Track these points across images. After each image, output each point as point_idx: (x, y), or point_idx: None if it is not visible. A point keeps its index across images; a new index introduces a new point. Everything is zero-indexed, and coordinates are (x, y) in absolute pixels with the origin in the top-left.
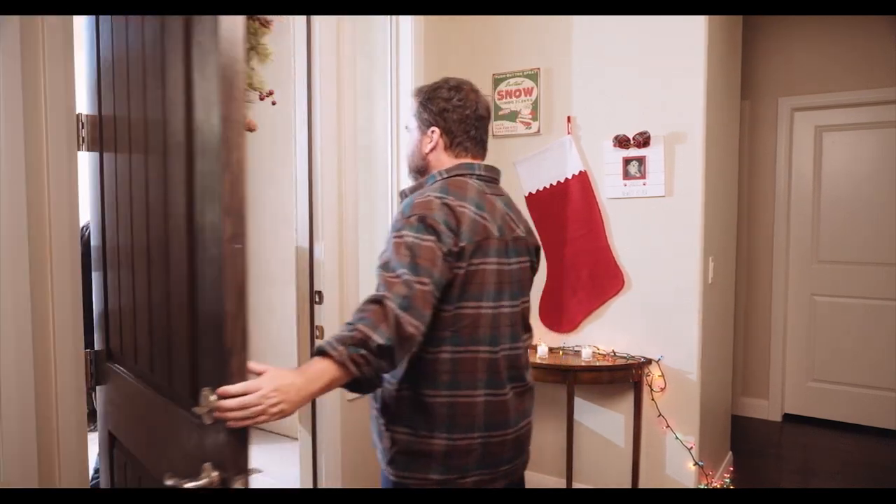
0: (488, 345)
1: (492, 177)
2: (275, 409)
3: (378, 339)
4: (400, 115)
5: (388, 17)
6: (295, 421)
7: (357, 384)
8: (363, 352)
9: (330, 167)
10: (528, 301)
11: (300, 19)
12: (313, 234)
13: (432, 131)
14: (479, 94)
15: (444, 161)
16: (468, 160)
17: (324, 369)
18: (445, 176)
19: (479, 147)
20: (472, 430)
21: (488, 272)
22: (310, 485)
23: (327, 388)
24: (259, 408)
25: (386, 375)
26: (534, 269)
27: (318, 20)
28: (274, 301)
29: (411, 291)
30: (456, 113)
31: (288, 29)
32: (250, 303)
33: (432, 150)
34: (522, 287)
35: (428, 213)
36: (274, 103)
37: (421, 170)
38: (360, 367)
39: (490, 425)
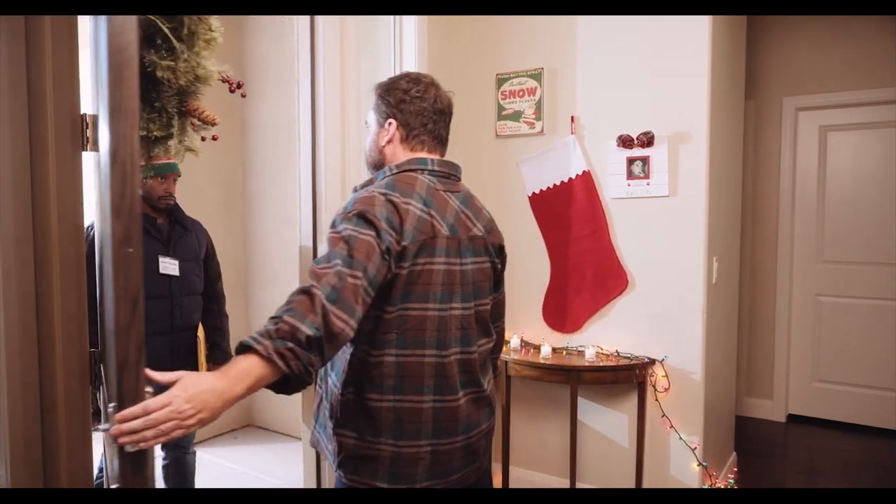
0: (435, 348)
1: (447, 172)
2: (191, 422)
3: (306, 330)
4: None
5: (392, 16)
6: (298, 420)
7: (285, 383)
8: (290, 345)
9: (333, 167)
10: (486, 304)
11: (304, 19)
12: (317, 234)
13: (389, 123)
14: (439, 88)
15: (399, 155)
16: (423, 155)
17: (249, 368)
18: (395, 171)
19: (438, 142)
20: (418, 438)
21: (435, 272)
22: (313, 484)
23: (254, 388)
24: (171, 423)
25: (332, 378)
26: (497, 270)
27: (321, 20)
28: (277, 301)
29: (342, 283)
30: (414, 104)
31: (292, 29)
32: (254, 302)
33: (388, 142)
34: (479, 289)
35: (368, 209)
36: (244, 95)
37: (377, 164)
38: (289, 361)
39: (439, 432)
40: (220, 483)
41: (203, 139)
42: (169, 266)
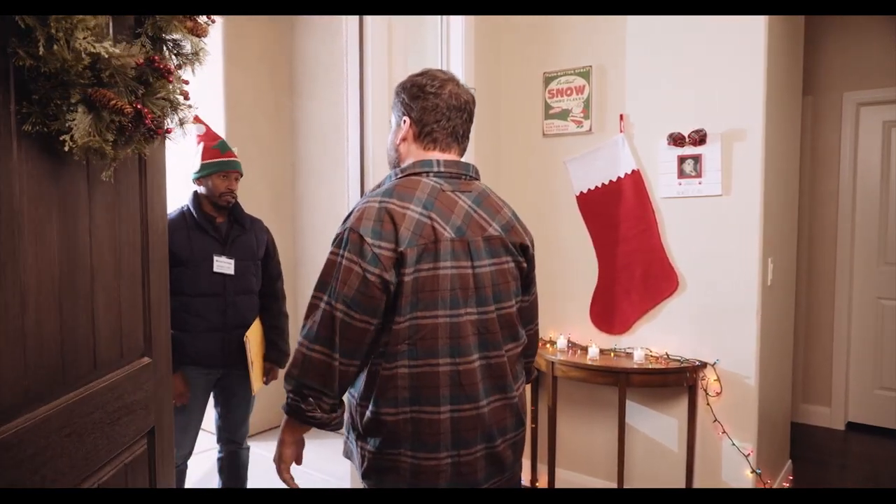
0: (449, 356)
1: (456, 172)
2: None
3: (329, 399)
4: None
5: (439, 16)
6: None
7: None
8: (319, 415)
9: (381, 167)
10: (511, 306)
11: (352, 20)
12: None
13: (404, 121)
14: (458, 84)
15: (412, 153)
16: (434, 153)
17: (292, 428)
18: (399, 175)
19: (453, 139)
20: (437, 450)
21: (441, 277)
22: (358, 479)
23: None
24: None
25: (351, 390)
26: (522, 269)
27: (369, 21)
28: None
29: (347, 331)
30: (428, 101)
31: (340, 30)
32: (302, 301)
33: (403, 140)
34: (500, 291)
35: (356, 226)
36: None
37: (394, 163)
38: (319, 422)
39: (458, 443)
40: (268, 476)
41: (182, 123)
42: (223, 265)
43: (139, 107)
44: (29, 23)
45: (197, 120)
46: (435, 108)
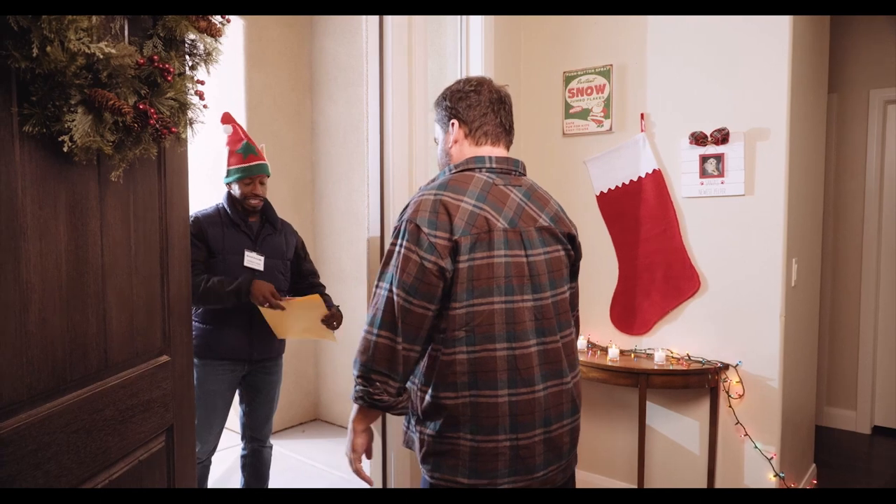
0: (506, 341)
1: (507, 168)
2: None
3: (395, 382)
4: None
5: (459, 17)
6: None
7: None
8: (386, 398)
9: (401, 166)
10: (564, 292)
11: (373, 21)
12: (384, 233)
13: (452, 124)
14: (492, 83)
15: (465, 152)
16: (486, 148)
17: (362, 415)
18: (453, 171)
19: (502, 130)
20: (496, 432)
21: (496, 265)
22: (379, 479)
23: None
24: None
25: (413, 376)
26: (571, 257)
27: (389, 21)
28: (344, 297)
29: (407, 316)
30: (470, 99)
31: (360, 30)
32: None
33: (455, 142)
34: (555, 278)
35: (413, 217)
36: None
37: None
38: (386, 405)
39: (516, 426)
40: (289, 474)
41: (191, 123)
42: (254, 260)
43: (142, 107)
44: (23, 24)
45: (225, 120)
46: (479, 103)
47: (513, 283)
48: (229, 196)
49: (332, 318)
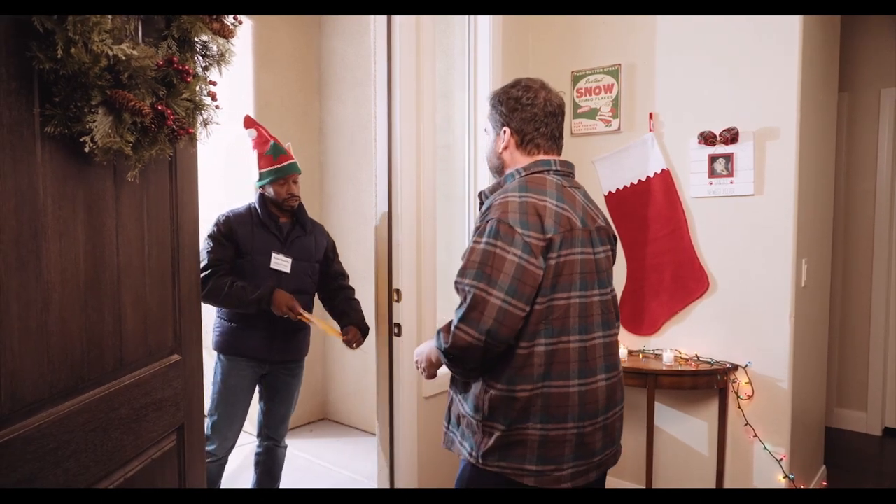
0: (578, 333)
1: (567, 171)
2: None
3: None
4: (478, 114)
5: (467, 17)
6: (372, 415)
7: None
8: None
9: (409, 166)
10: (614, 290)
11: (381, 21)
12: (392, 232)
13: (504, 131)
14: (549, 91)
15: (518, 159)
16: (542, 157)
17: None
18: (524, 173)
19: (553, 143)
20: (565, 420)
21: (575, 262)
22: (386, 479)
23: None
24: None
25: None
26: (614, 258)
27: (397, 21)
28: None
29: (504, 318)
30: (526, 111)
31: (367, 31)
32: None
33: (505, 148)
34: (610, 276)
35: (503, 217)
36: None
37: (498, 169)
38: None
39: (583, 415)
40: (297, 474)
41: (206, 124)
42: (281, 262)
43: (160, 108)
44: (48, 26)
45: (248, 124)
46: (533, 117)
47: (587, 278)
48: (262, 197)
49: (351, 342)
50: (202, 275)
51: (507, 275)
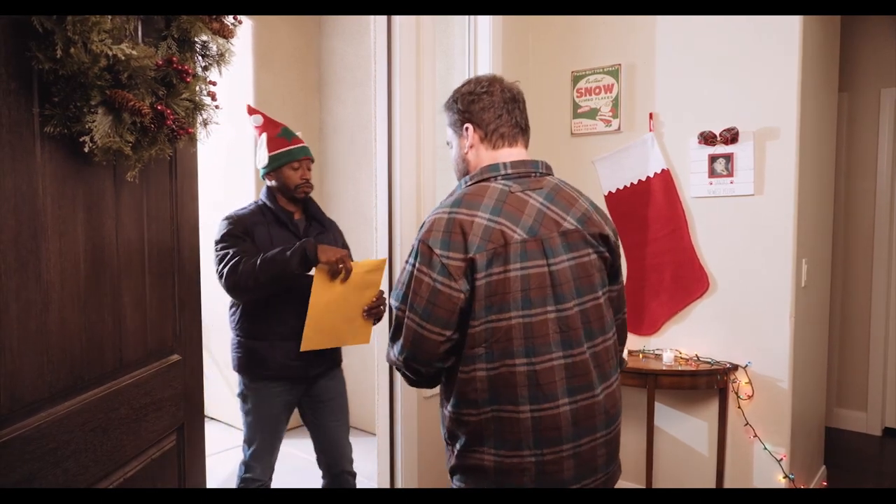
0: (525, 356)
1: (525, 172)
2: None
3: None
4: None
5: (467, 17)
6: (372, 416)
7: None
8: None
9: (409, 166)
10: (596, 298)
11: (381, 21)
12: (392, 232)
13: (466, 129)
14: (503, 80)
15: (482, 157)
16: (504, 149)
17: None
18: (468, 183)
19: (518, 130)
20: (520, 448)
21: (511, 279)
22: (386, 479)
23: None
24: None
25: (440, 392)
26: (605, 259)
27: (397, 21)
28: None
29: (419, 341)
30: (483, 101)
31: (367, 31)
32: None
33: (471, 147)
34: (583, 285)
35: (426, 237)
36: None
37: (465, 173)
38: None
39: (541, 442)
40: (295, 475)
41: (206, 123)
42: None
43: (160, 108)
44: (47, 26)
45: (251, 111)
46: (492, 105)
47: (530, 295)
48: (269, 191)
49: (381, 303)
50: (227, 267)
51: (423, 298)
